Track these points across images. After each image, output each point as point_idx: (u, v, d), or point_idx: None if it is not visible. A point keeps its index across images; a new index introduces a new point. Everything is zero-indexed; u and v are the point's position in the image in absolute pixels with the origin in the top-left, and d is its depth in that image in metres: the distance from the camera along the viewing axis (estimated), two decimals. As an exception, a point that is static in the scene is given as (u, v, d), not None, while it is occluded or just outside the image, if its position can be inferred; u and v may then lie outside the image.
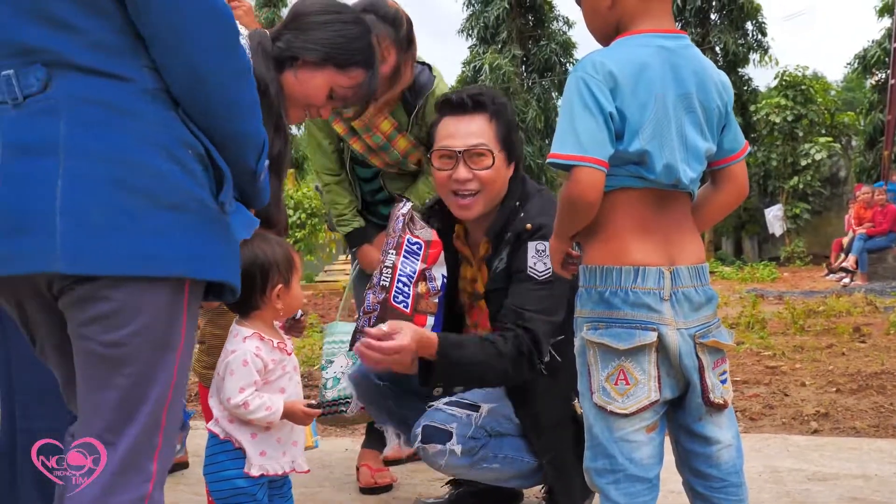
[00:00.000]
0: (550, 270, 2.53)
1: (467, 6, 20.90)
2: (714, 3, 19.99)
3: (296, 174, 20.99)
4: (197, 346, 3.04)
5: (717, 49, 20.08)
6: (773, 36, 29.02)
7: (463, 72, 20.81)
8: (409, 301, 2.65)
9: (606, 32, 1.99)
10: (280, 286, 2.20)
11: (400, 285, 2.65)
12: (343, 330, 3.31)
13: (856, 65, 21.23)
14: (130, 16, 1.51)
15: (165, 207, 1.50)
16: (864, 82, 23.06)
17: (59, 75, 1.49)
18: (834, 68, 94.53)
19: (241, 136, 1.64)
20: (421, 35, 3.32)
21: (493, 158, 2.65)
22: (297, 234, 19.50)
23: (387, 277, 2.62)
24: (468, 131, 2.67)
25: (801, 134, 19.49)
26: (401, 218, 2.72)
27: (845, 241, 14.41)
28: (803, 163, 19.02)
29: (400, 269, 2.64)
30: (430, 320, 2.68)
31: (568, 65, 21.01)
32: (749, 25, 20.39)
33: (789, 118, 19.26)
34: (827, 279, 14.05)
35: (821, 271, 15.36)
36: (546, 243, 2.53)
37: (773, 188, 19.62)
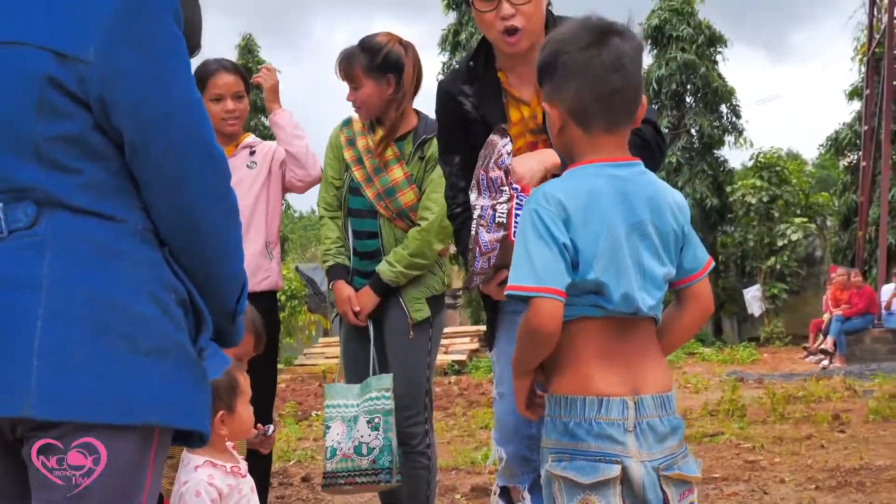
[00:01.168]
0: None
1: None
2: (689, 87, 20.32)
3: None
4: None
5: (693, 131, 20.36)
6: (748, 118, 29.49)
7: (442, 154, 21.02)
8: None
9: (564, 153, 2.00)
10: (222, 412, 2.16)
11: (517, 221, 2.38)
12: (342, 393, 3.42)
13: (828, 146, 21.54)
14: (127, 160, 1.51)
15: (144, 353, 1.48)
16: (837, 163, 23.39)
17: (48, 213, 1.49)
18: (807, 147, 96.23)
19: (224, 278, 1.64)
20: None
21: None
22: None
23: (503, 214, 2.39)
24: None
25: (776, 214, 19.67)
26: (505, 156, 2.45)
27: (823, 321, 14.45)
28: (780, 243, 19.15)
29: (516, 206, 2.41)
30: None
31: (546, 147, 21.14)
32: (724, 108, 20.70)
33: (765, 199, 19.45)
34: (806, 361, 14.04)
35: (800, 352, 15.36)
36: None
37: (750, 268, 19.71)
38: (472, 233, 2.36)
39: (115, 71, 1.47)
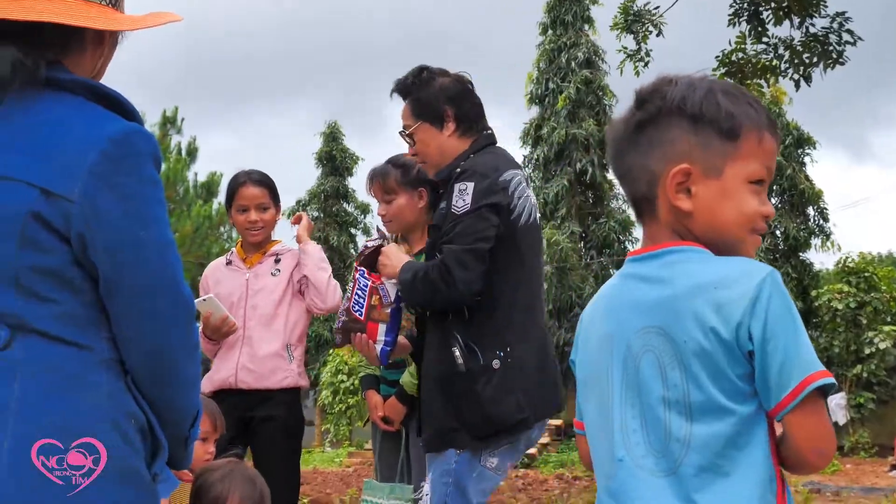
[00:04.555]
0: (469, 204, 2.92)
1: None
2: (774, 188, 20.09)
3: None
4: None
5: (777, 233, 20.04)
6: (835, 221, 29.09)
7: (522, 246, 21.05)
8: (363, 310, 3.28)
9: None
10: None
11: (356, 297, 3.31)
12: (376, 490, 3.66)
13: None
14: (101, 294, 1.60)
15: (102, 477, 1.54)
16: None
17: (21, 338, 1.56)
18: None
19: (182, 407, 1.71)
20: None
21: (414, 131, 3.15)
22: (349, 400, 19.46)
23: (350, 291, 3.36)
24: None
25: (864, 321, 19.08)
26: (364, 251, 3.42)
27: (910, 435, 13.84)
28: (867, 351, 18.53)
29: (358, 285, 3.33)
30: (383, 328, 3.27)
31: (627, 243, 21.16)
32: (811, 210, 20.39)
33: (852, 305, 18.91)
34: (890, 475, 13.43)
35: (885, 465, 14.70)
36: (468, 183, 2.94)
37: (835, 376, 19.08)
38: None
39: (96, 212, 1.56)
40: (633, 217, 2.26)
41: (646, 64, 10.72)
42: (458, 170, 3.03)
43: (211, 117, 76.28)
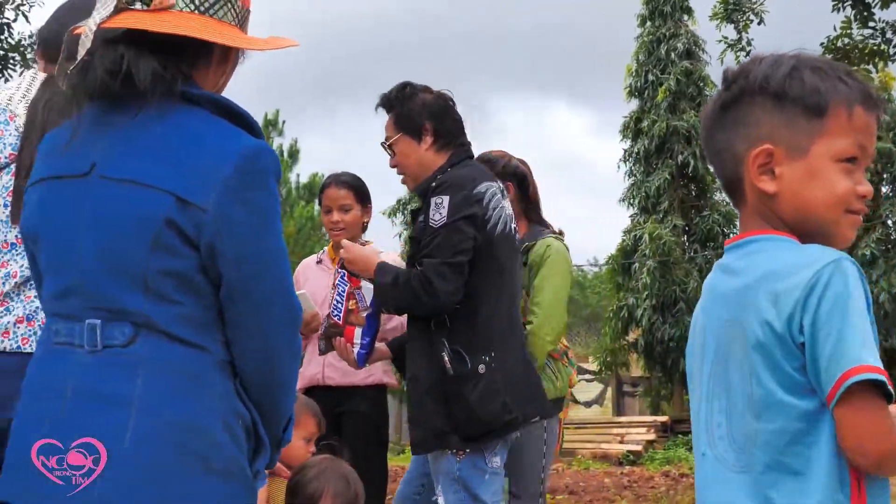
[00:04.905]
0: (445, 217, 3.03)
1: (629, 176, 21.12)
2: (885, 176, 19.43)
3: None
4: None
5: (889, 222, 19.38)
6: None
7: (623, 240, 20.82)
8: (342, 315, 3.44)
9: None
10: None
11: (335, 302, 3.48)
12: None
13: None
14: (222, 300, 1.69)
15: (214, 472, 1.64)
16: None
17: (144, 336, 1.65)
18: None
19: (281, 411, 1.81)
20: (582, 205, 3.64)
21: (394, 143, 3.29)
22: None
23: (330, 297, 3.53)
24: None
25: None
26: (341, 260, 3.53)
27: None
28: None
29: (337, 290, 3.48)
30: (359, 331, 3.42)
31: (731, 235, 20.68)
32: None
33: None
34: None
35: None
36: (444, 196, 3.05)
37: (955, 369, 18.42)
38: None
39: (227, 223, 1.66)
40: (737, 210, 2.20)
41: (747, 53, 10.54)
42: (434, 183, 3.15)
43: (312, 119, 77.61)
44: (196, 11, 1.72)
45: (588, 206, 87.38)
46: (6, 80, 12.77)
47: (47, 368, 1.71)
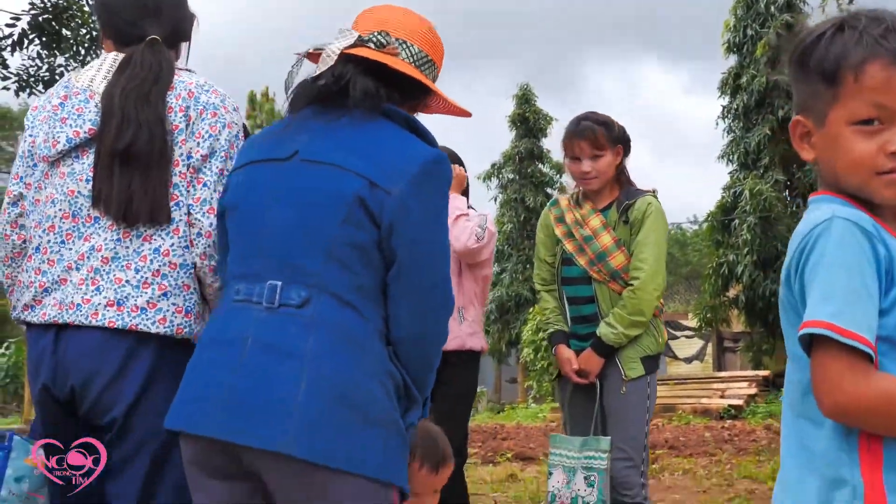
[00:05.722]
0: None
1: (727, 132, 20.85)
2: None
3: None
4: None
5: None
6: None
7: (723, 197, 20.60)
8: None
9: None
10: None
11: None
12: (564, 444, 3.76)
13: None
14: (390, 276, 1.96)
15: (374, 423, 1.88)
16: None
17: (318, 298, 1.90)
18: None
19: (426, 384, 2.06)
20: (680, 163, 3.78)
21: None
22: (551, 357, 19.75)
23: None
24: None
25: None
26: None
27: None
28: None
29: None
30: None
31: (834, 190, 20.17)
32: None
33: None
34: None
35: None
36: None
37: None
38: None
39: (406, 208, 1.94)
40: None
41: (850, 1, 10.36)
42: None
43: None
44: (413, 64, 2.12)
45: (685, 164, 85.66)
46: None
47: (228, 321, 1.97)
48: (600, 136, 3.81)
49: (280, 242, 1.96)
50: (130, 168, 2.24)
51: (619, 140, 3.86)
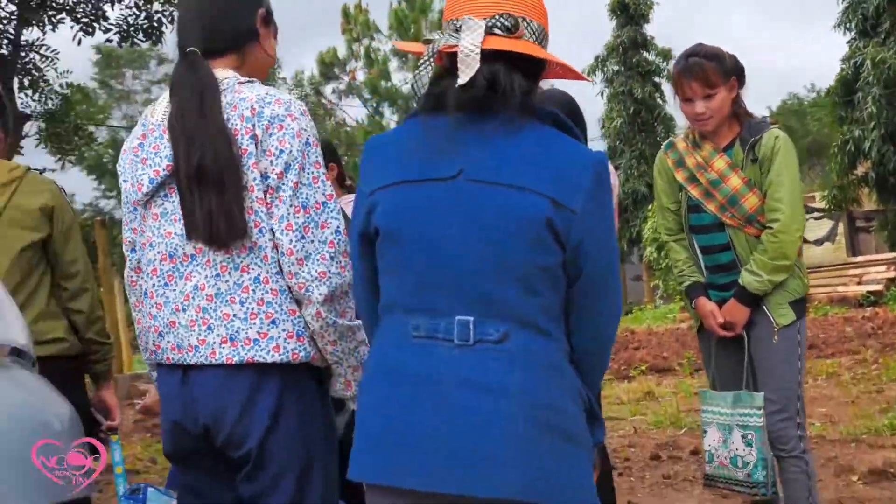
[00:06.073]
0: None
1: (843, -1, 19.72)
2: None
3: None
4: None
5: None
6: None
7: (843, 69, 19.58)
8: None
9: None
10: None
11: None
12: (716, 400, 3.60)
13: None
14: (576, 291, 1.88)
15: (573, 441, 1.83)
16: None
17: (515, 330, 1.81)
18: None
19: (598, 387, 2.02)
20: (795, 26, 3.49)
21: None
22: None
23: None
24: None
25: None
26: None
27: None
28: None
29: None
30: None
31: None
32: None
33: None
34: None
35: None
36: None
37: None
38: None
39: (589, 222, 1.85)
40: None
41: None
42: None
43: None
44: (536, 41, 1.93)
45: (798, 28, 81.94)
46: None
47: (408, 358, 1.85)
48: (711, 73, 3.48)
49: (465, 274, 1.84)
50: (206, 187, 2.19)
51: (731, 72, 3.52)
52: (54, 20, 11.82)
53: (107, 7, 11.92)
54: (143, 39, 12.21)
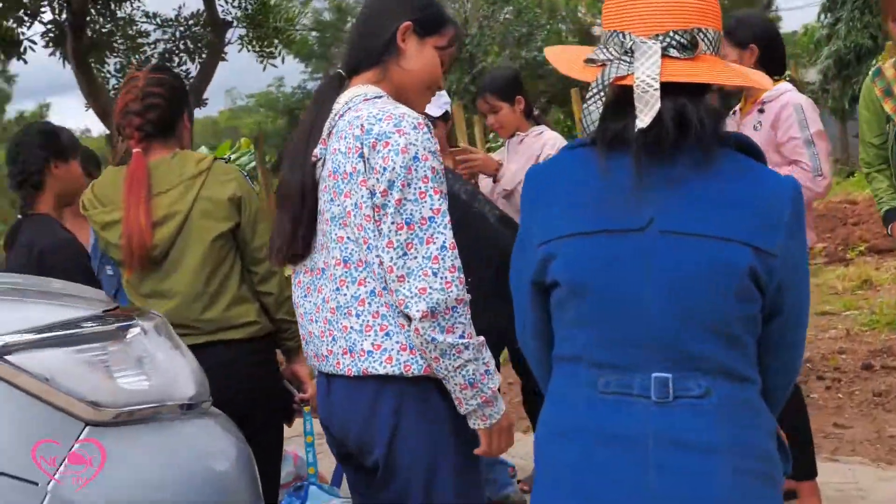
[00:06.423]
0: None
1: None
2: None
3: None
4: None
5: None
6: None
7: None
8: None
9: None
10: None
11: None
12: None
13: None
14: (772, 329, 1.81)
15: (775, 485, 1.79)
16: None
17: (718, 384, 1.73)
18: None
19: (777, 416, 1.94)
20: None
21: None
22: None
23: None
24: None
25: None
26: None
27: None
28: None
29: None
30: None
31: None
32: None
33: None
34: None
35: None
36: None
37: None
38: None
39: (791, 266, 1.77)
40: None
41: None
42: None
43: None
44: (713, 53, 1.77)
45: None
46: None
47: (599, 415, 1.77)
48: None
49: (663, 331, 1.74)
50: (283, 211, 2.39)
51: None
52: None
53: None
54: None
